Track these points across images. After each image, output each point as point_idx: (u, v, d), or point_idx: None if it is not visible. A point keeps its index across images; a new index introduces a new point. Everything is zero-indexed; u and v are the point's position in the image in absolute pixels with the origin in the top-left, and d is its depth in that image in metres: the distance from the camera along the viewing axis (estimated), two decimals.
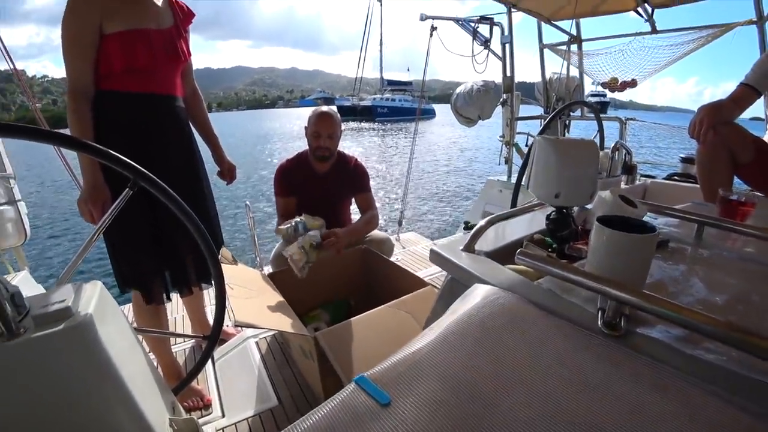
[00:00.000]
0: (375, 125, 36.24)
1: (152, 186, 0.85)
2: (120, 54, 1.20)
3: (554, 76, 3.49)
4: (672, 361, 0.52)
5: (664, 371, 0.50)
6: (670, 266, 0.84)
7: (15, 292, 0.59)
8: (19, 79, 2.88)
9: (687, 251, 0.92)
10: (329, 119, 1.80)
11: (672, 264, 0.85)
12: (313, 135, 1.80)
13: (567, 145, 0.91)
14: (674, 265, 0.84)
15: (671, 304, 0.52)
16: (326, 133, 1.78)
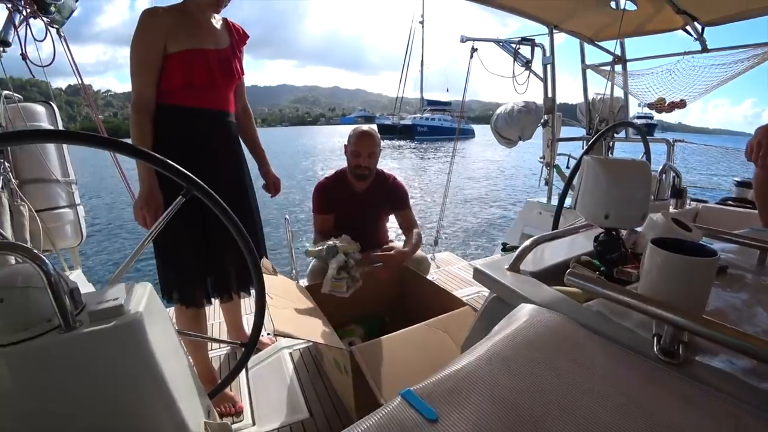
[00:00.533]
0: (414, 144, 36.39)
1: (204, 195, 0.89)
2: (180, 71, 1.29)
3: (597, 97, 3.41)
4: (737, 393, 0.49)
5: (729, 403, 0.47)
6: (730, 294, 0.79)
7: (74, 287, 0.63)
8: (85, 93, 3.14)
9: (748, 278, 0.86)
10: (370, 138, 1.83)
11: (732, 292, 0.80)
12: (353, 153, 1.83)
13: (618, 165, 0.88)
14: (734, 293, 0.79)
15: (738, 332, 0.49)
16: (366, 152, 1.81)
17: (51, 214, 2.49)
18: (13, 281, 0.58)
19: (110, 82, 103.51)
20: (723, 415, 0.46)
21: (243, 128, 1.58)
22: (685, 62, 2.97)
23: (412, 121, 44.74)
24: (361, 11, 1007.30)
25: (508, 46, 3.42)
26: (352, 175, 1.87)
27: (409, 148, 31.69)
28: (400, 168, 17.69)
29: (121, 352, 0.61)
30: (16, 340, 0.55)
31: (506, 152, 19.37)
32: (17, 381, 0.56)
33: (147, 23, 1.25)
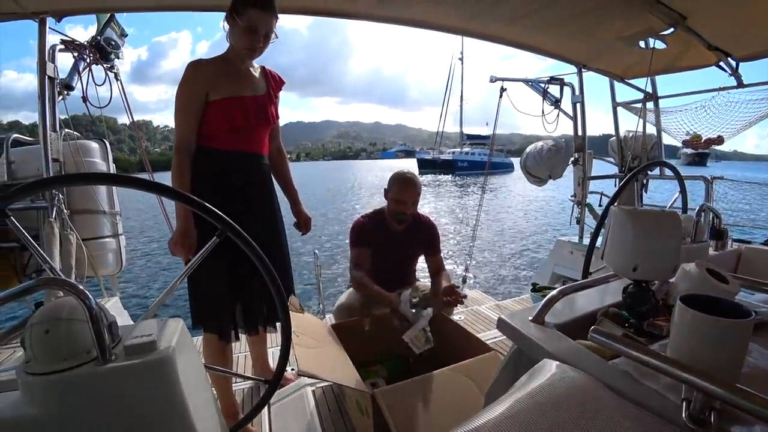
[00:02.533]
0: (454, 178, 36.30)
1: (237, 236, 0.94)
2: (221, 117, 1.39)
3: (629, 134, 3.35)
4: None
5: None
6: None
7: (112, 321, 0.67)
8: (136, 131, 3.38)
9: None
10: (414, 188, 1.85)
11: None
12: (396, 201, 1.84)
13: (646, 216, 0.87)
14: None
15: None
16: (410, 201, 1.84)
17: (95, 243, 2.66)
18: (58, 313, 0.63)
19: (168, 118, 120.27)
20: None
21: (276, 168, 1.66)
22: (720, 98, 2.90)
23: (453, 156, 44.81)
24: (404, 49, 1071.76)
25: (537, 85, 3.45)
26: (392, 219, 1.89)
27: (449, 183, 31.41)
28: (439, 205, 17.63)
29: (152, 386, 0.64)
30: (57, 369, 0.59)
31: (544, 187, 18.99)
32: (54, 407, 0.59)
33: (191, 75, 1.36)
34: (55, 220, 2.33)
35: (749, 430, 0.54)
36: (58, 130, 2.53)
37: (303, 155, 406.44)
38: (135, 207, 17.24)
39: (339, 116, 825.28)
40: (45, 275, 0.96)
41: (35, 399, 0.60)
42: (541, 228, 11.87)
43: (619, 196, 1.83)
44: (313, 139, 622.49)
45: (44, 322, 0.62)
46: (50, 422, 0.60)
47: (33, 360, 0.61)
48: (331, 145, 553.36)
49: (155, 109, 49.49)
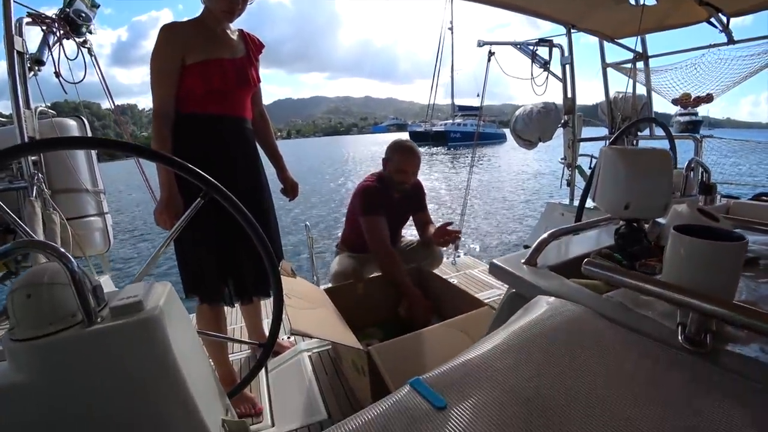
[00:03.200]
0: (447, 150, 35.69)
1: (222, 197, 0.91)
2: (198, 80, 1.33)
3: (619, 96, 3.33)
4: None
5: (762, 392, 0.44)
6: (762, 285, 0.75)
7: (97, 285, 0.65)
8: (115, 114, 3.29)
9: None
10: (415, 158, 1.85)
11: (764, 283, 0.75)
12: (399, 171, 1.82)
13: (637, 154, 0.86)
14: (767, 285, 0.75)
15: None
16: (412, 170, 1.83)
17: (80, 222, 2.59)
18: (40, 278, 0.60)
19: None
20: (756, 404, 0.43)
21: (260, 134, 1.61)
22: (710, 55, 2.87)
23: (445, 128, 44.16)
24: (393, 21, 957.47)
25: (525, 48, 3.39)
26: (393, 188, 1.88)
27: (442, 154, 30.92)
28: (433, 176, 17.58)
29: (140, 348, 0.62)
30: (42, 333, 0.57)
31: (538, 155, 19.04)
32: (42, 373, 0.58)
33: (165, 38, 1.30)
34: (36, 200, 2.27)
35: (743, 349, 0.54)
36: (33, 108, 2.44)
37: (294, 132, 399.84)
38: (116, 188, 17.00)
39: (328, 92, 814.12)
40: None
41: (22, 365, 0.58)
42: (532, 195, 11.96)
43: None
44: (303, 115, 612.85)
45: (25, 287, 0.59)
46: (39, 388, 0.58)
47: (17, 326, 0.58)
48: (321, 122, 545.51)
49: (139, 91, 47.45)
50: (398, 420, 0.41)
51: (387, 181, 1.88)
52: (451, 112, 50.27)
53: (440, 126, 45.32)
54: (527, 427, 0.40)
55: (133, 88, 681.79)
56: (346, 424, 0.41)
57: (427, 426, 0.40)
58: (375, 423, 0.41)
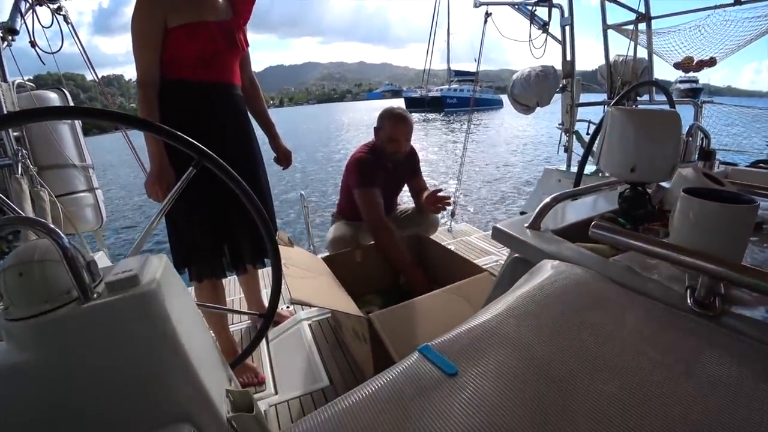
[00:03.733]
0: (443, 116, 35.04)
1: (215, 165, 0.88)
2: (183, 45, 1.26)
3: (619, 59, 3.24)
4: None
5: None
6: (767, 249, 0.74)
7: (90, 260, 0.63)
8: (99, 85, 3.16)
9: None
10: (406, 125, 1.78)
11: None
12: (390, 139, 1.76)
13: (645, 115, 0.83)
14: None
15: None
16: (404, 138, 1.77)
17: (70, 199, 2.54)
18: (30, 256, 0.58)
19: None
20: (766, 366, 0.42)
21: (250, 101, 1.55)
22: (715, 17, 2.78)
23: (441, 93, 43.21)
24: None
25: (524, 8, 3.27)
26: (386, 158, 1.82)
27: (438, 121, 30.43)
28: (429, 142, 17.42)
29: (140, 321, 0.61)
30: (38, 312, 0.56)
31: (535, 121, 18.84)
32: (39, 352, 0.57)
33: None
34: (22, 177, 2.21)
35: (751, 311, 0.53)
36: (10, 81, 2.33)
37: (286, 100, 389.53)
38: (105, 159, 16.71)
39: (321, 57, 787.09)
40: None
41: (19, 345, 0.57)
42: (529, 161, 11.94)
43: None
44: (296, 83, 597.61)
45: (16, 265, 0.57)
46: (39, 366, 0.57)
47: (11, 306, 0.57)
48: (314, 88, 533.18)
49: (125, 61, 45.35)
50: (408, 387, 0.40)
51: (380, 151, 1.83)
52: (447, 77, 48.92)
53: (436, 91, 44.32)
54: (541, 392, 0.40)
55: (118, 58, 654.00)
56: (356, 393, 0.40)
57: (439, 393, 0.39)
58: (385, 391, 0.40)
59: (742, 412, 0.37)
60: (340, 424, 0.37)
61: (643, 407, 0.38)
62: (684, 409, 0.38)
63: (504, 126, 23.68)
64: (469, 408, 0.37)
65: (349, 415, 0.37)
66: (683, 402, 0.38)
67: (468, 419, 0.36)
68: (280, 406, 1.36)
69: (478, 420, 0.36)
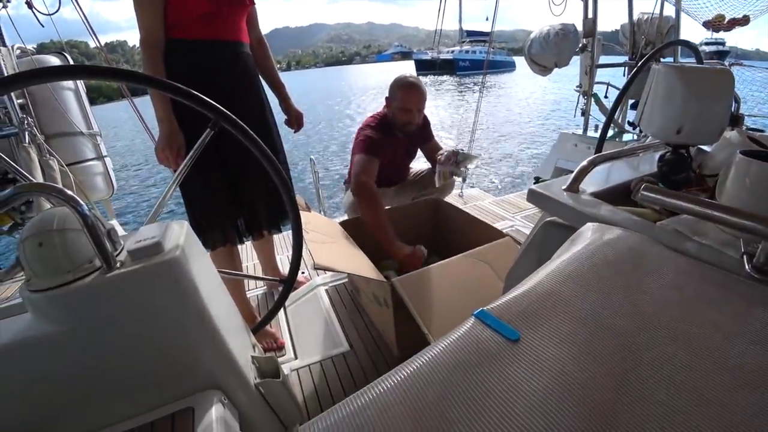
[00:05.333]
0: (455, 79, 33.93)
1: (233, 126, 0.84)
2: (187, 2, 1.19)
3: (643, 17, 3.06)
4: None
5: None
6: None
7: (111, 228, 0.60)
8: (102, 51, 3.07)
9: None
10: (419, 94, 1.70)
11: None
12: (402, 110, 1.69)
13: (696, 72, 0.77)
14: None
15: None
16: (416, 108, 1.69)
17: (80, 168, 2.53)
18: (48, 224, 0.56)
19: None
20: None
21: (259, 61, 1.49)
22: None
23: (453, 56, 41.47)
24: None
25: None
26: (398, 129, 1.75)
27: (449, 84, 29.59)
28: (439, 104, 17.09)
29: (166, 288, 0.60)
30: (60, 282, 0.54)
31: (548, 83, 18.29)
32: (64, 323, 0.56)
33: None
34: (30, 146, 2.18)
35: None
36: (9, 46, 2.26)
37: (293, 63, 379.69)
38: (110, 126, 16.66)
39: (328, 18, 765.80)
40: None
41: (45, 316, 0.56)
42: (541, 125, 11.72)
43: (631, 84, 1.70)
44: (303, 45, 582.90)
45: (36, 234, 0.55)
46: (67, 337, 0.56)
47: (34, 277, 0.55)
48: (322, 51, 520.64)
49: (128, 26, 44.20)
50: (473, 355, 0.38)
51: (390, 121, 1.76)
52: (459, 38, 46.97)
53: (447, 54, 42.51)
54: (609, 355, 0.38)
55: (121, 24, 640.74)
56: (415, 361, 0.38)
57: (504, 360, 0.37)
58: (448, 358, 0.38)
59: None
60: (411, 389, 0.35)
61: (716, 377, 0.36)
62: (754, 378, 0.36)
63: (517, 89, 23.07)
64: (537, 374, 0.36)
65: (419, 383, 0.36)
66: (753, 370, 0.37)
67: (538, 386, 0.35)
68: (302, 370, 1.38)
69: (548, 386, 0.35)
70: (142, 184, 8.53)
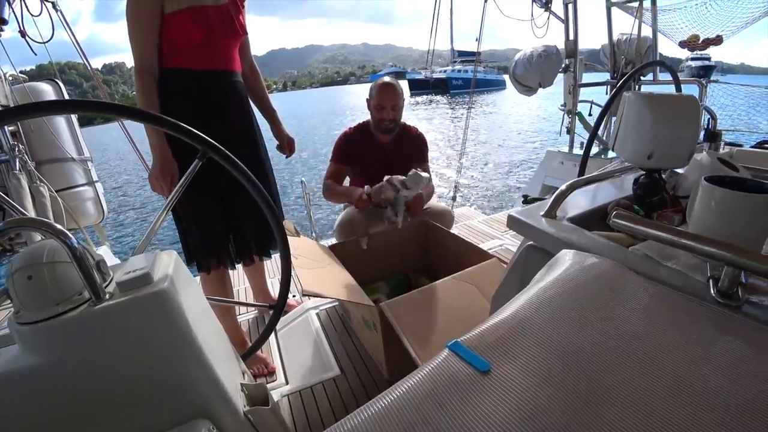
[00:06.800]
0: (449, 98, 34.47)
1: (221, 157, 0.86)
2: (180, 31, 1.23)
3: (623, 38, 3.17)
4: None
5: None
6: None
7: (100, 260, 0.62)
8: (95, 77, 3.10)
9: None
10: (392, 90, 1.77)
11: None
12: (376, 107, 1.78)
13: (664, 100, 0.81)
14: None
15: None
16: (390, 105, 1.76)
17: (70, 193, 2.52)
18: (38, 257, 0.57)
19: None
20: None
21: (251, 88, 1.52)
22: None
23: (446, 75, 42.15)
24: None
25: None
26: (378, 129, 1.83)
27: (443, 103, 30.18)
28: (432, 124, 17.30)
29: (154, 320, 0.61)
30: (48, 315, 0.55)
31: (538, 101, 18.71)
32: (53, 355, 0.56)
33: None
34: (20, 173, 2.18)
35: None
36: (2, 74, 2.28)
37: (289, 84, 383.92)
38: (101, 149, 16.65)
39: (324, 40, 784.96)
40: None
41: (33, 348, 0.56)
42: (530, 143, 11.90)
43: (612, 103, 1.76)
44: (299, 66, 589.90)
45: (25, 267, 0.56)
46: (55, 369, 0.57)
47: (22, 309, 0.56)
48: (318, 72, 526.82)
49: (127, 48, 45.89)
50: (443, 386, 0.40)
51: (372, 125, 1.86)
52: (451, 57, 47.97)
53: (440, 73, 43.22)
54: (574, 386, 0.39)
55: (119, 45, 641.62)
56: (392, 392, 0.40)
57: (474, 391, 0.39)
58: (421, 390, 0.39)
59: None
60: (384, 420, 0.36)
61: (675, 400, 0.38)
62: (712, 401, 0.37)
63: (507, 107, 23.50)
64: (504, 405, 0.37)
65: (390, 415, 0.37)
66: (711, 393, 0.38)
67: (507, 416, 0.36)
68: (292, 396, 1.37)
69: (517, 416, 0.36)
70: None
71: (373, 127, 1.86)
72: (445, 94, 38.88)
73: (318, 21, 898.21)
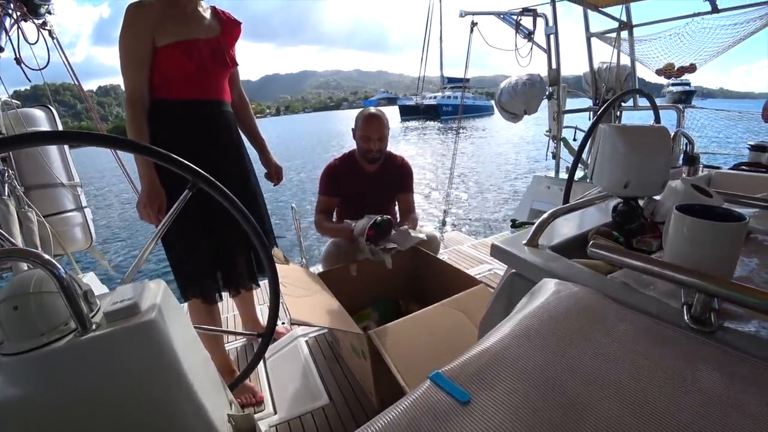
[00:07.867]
0: (439, 124, 35.14)
1: (210, 187, 0.87)
2: (171, 63, 1.26)
3: (603, 66, 3.31)
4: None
5: (765, 369, 0.45)
6: (755, 260, 0.76)
7: (87, 290, 0.62)
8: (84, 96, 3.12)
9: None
10: (378, 121, 1.79)
11: (757, 258, 0.77)
12: (363, 138, 1.79)
13: (636, 131, 0.85)
14: (760, 259, 0.76)
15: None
16: (376, 136, 1.78)
17: (59, 219, 2.50)
18: (25, 288, 0.57)
19: None
20: (762, 383, 0.44)
21: (241, 117, 1.55)
22: (694, 24, 2.88)
23: (436, 101, 43.15)
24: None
25: (509, 18, 3.33)
26: (364, 159, 1.85)
27: (433, 129, 30.73)
28: (422, 150, 17.55)
29: (141, 350, 0.60)
30: (34, 346, 0.55)
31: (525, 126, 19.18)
32: (37, 386, 0.55)
33: (133, 17, 1.22)
34: (9, 198, 2.17)
35: (745, 325, 0.55)
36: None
37: (283, 109, 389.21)
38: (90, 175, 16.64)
39: (317, 66, 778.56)
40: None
41: (16, 379, 0.55)
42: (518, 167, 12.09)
43: (595, 128, 1.82)
44: (292, 91, 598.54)
45: (11, 298, 0.56)
46: (37, 401, 0.56)
47: (6, 340, 0.55)
48: (311, 97, 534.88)
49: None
50: (424, 418, 0.40)
51: (358, 154, 1.87)
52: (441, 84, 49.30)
53: (431, 99, 44.28)
54: (550, 416, 0.40)
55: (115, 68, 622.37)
56: (373, 425, 0.40)
57: (454, 422, 0.39)
58: (402, 422, 0.40)
59: (737, 423, 0.38)
60: None
61: (648, 427, 0.39)
62: (684, 421, 0.39)
63: (495, 132, 24.04)
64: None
65: None
66: (684, 420, 0.39)
67: None
68: (281, 426, 1.34)
69: None
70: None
71: (358, 156, 1.88)
72: (436, 120, 39.69)
73: (312, 48, 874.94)
